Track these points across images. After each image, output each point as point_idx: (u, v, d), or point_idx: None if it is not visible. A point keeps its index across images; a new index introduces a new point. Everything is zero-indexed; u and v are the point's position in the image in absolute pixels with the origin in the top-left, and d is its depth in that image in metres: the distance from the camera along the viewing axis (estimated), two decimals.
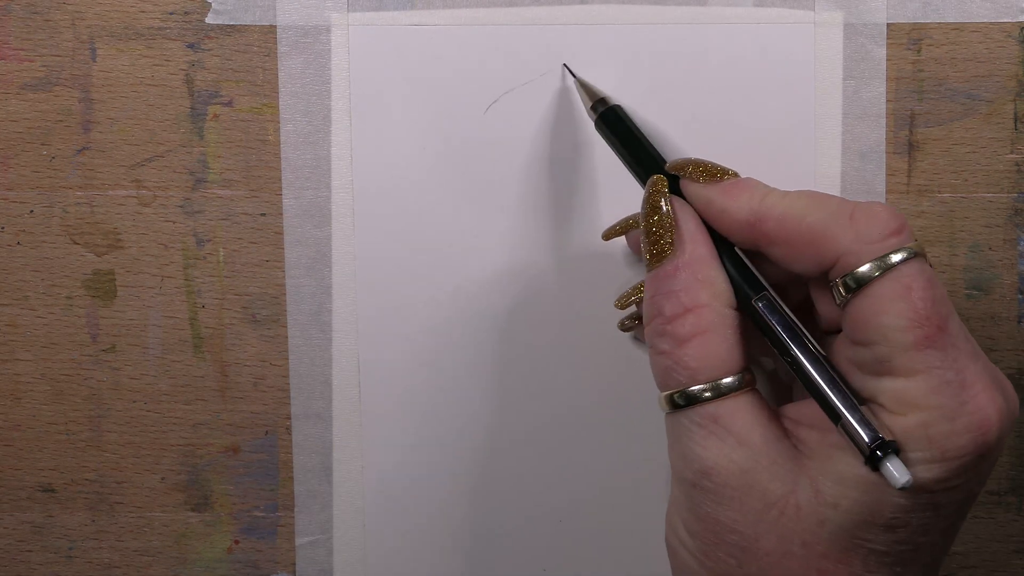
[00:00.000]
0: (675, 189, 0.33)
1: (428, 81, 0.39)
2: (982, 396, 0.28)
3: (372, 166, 0.39)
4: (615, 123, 0.36)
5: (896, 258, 0.29)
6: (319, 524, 0.41)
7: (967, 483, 0.29)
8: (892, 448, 0.28)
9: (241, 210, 0.40)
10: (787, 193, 0.31)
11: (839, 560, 0.29)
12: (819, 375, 0.30)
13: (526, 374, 0.40)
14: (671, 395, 0.31)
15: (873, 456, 0.28)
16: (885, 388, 0.29)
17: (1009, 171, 0.39)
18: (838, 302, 0.30)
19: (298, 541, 0.41)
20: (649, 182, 0.33)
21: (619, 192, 0.39)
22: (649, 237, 0.32)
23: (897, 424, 0.28)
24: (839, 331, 0.31)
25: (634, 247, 0.38)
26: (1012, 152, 0.39)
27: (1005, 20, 0.39)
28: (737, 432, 0.30)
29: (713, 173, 0.32)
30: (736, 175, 0.32)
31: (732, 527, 0.30)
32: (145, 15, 0.39)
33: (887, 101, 0.39)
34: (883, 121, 0.39)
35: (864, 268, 0.29)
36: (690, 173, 0.33)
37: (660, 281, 0.32)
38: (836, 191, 0.39)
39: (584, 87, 0.37)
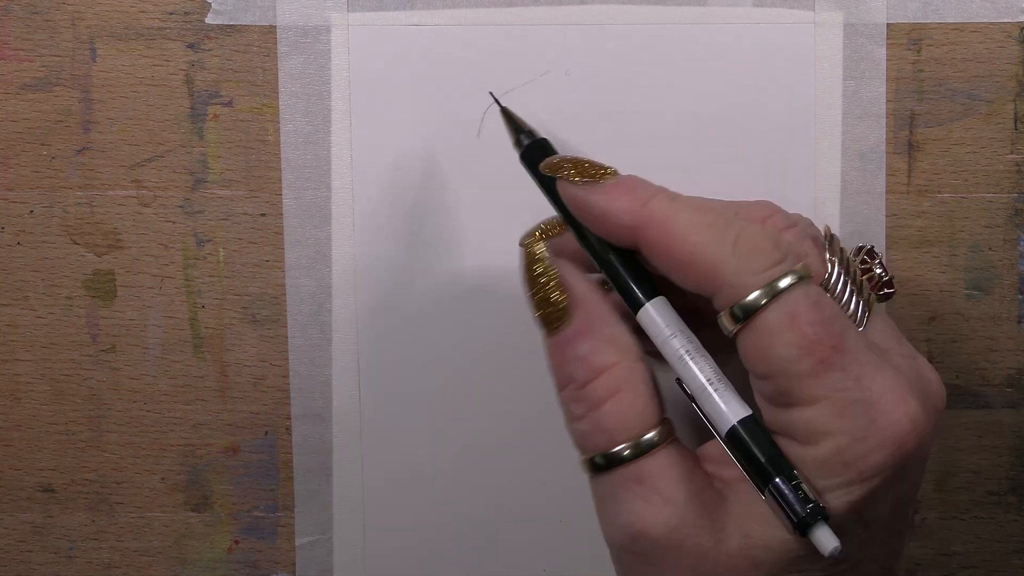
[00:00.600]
0: (552, 190, 0.31)
1: (428, 81, 0.39)
2: (892, 409, 0.28)
3: (372, 166, 0.39)
4: (538, 159, 0.33)
5: (781, 284, 0.28)
6: (319, 524, 0.41)
7: (893, 494, 0.28)
8: (820, 515, 0.27)
9: (241, 210, 0.40)
10: (673, 199, 0.30)
11: None
12: (736, 447, 0.29)
13: (526, 374, 0.40)
14: (592, 459, 0.30)
15: (801, 525, 0.27)
16: (793, 419, 0.28)
17: (1009, 171, 0.39)
18: (726, 332, 0.29)
19: (298, 541, 0.41)
20: (522, 252, 0.31)
21: None
22: (540, 307, 0.31)
23: (810, 455, 0.28)
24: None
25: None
26: (1012, 152, 0.39)
27: (1005, 20, 0.39)
28: (661, 490, 0.29)
29: (591, 173, 0.31)
30: (615, 173, 0.31)
31: None
32: (145, 15, 0.39)
33: (887, 101, 0.39)
34: (883, 121, 0.39)
35: (749, 299, 0.28)
36: (566, 174, 0.31)
37: (564, 348, 0.30)
38: (836, 191, 0.39)
39: (510, 119, 0.35)
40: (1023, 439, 0.40)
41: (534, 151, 0.33)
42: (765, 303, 0.28)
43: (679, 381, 0.30)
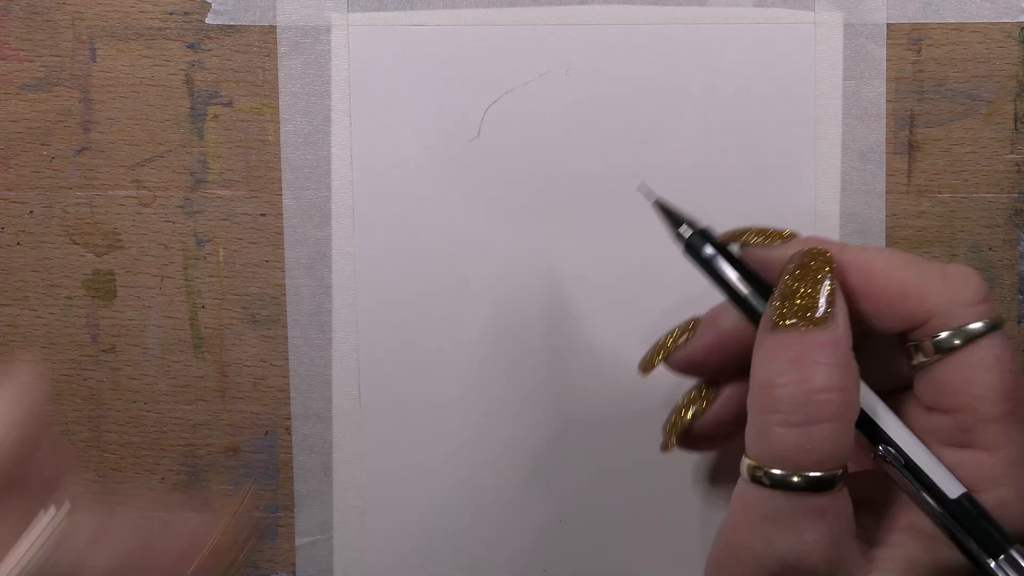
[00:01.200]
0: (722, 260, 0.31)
1: (428, 81, 0.39)
2: None
3: (372, 166, 0.39)
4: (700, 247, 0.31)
5: (984, 326, 0.28)
6: (319, 524, 0.41)
7: None
8: (1018, 553, 0.27)
9: (241, 210, 0.40)
10: (864, 248, 0.30)
11: None
12: (968, 508, 0.28)
13: (526, 374, 0.40)
14: (781, 475, 0.28)
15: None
16: (963, 460, 0.28)
17: (1009, 171, 0.39)
18: (915, 363, 0.29)
19: (298, 541, 0.41)
20: (807, 249, 0.30)
21: (619, 190, 0.39)
22: (797, 295, 0.30)
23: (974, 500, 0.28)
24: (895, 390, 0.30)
25: (678, 368, 0.34)
26: (1012, 152, 0.39)
27: (1005, 20, 0.39)
28: (835, 529, 0.28)
29: (773, 236, 0.30)
30: (794, 235, 0.30)
31: None
32: (145, 15, 0.39)
33: (887, 101, 0.39)
34: (883, 121, 0.39)
35: (954, 332, 0.28)
36: (749, 239, 0.31)
37: (810, 348, 0.29)
38: (836, 191, 0.39)
39: (668, 212, 0.33)
40: None
41: (697, 241, 0.32)
42: (970, 342, 0.28)
43: (881, 454, 0.29)
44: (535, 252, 0.39)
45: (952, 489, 0.28)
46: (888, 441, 0.29)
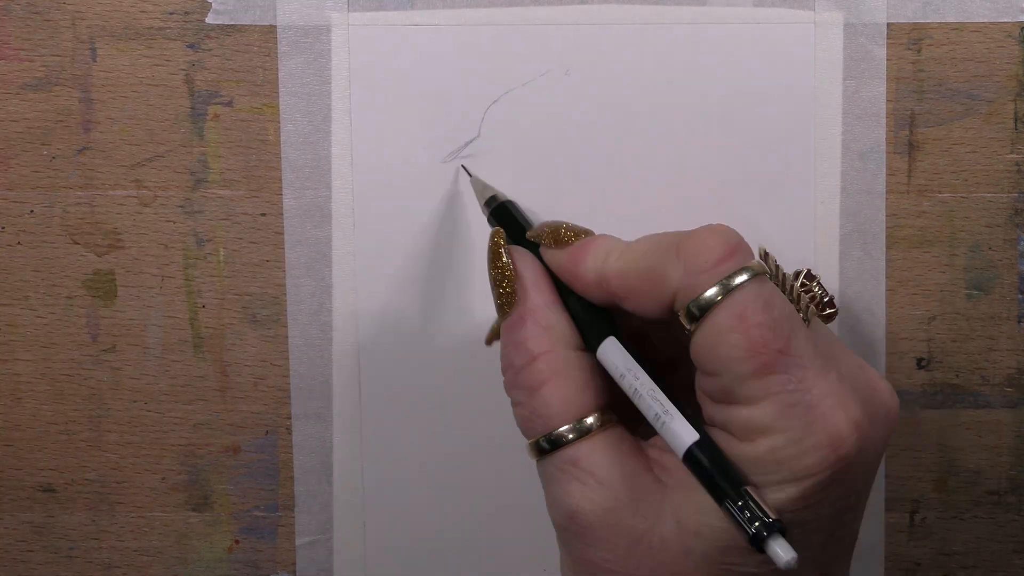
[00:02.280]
0: (509, 225, 0.34)
1: (428, 81, 0.39)
2: (831, 413, 0.28)
3: (372, 166, 0.39)
4: (506, 219, 0.36)
5: (735, 282, 0.28)
6: (319, 524, 0.41)
7: (830, 497, 0.29)
8: (776, 528, 0.27)
9: (241, 210, 0.40)
10: (629, 245, 0.31)
11: None
12: (699, 456, 0.29)
13: None
14: (535, 442, 0.31)
15: (757, 539, 0.27)
16: (733, 416, 0.29)
17: (1009, 171, 0.39)
18: (687, 333, 0.29)
19: (298, 541, 0.41)
20: (489, 236, 0.34)
21: (619, 190, 0.39)
22: (494, 290, 0.33)
23: (746, 451, 0.28)
24: None
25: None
26: (1012, 152, 0.39)
27: (1005, 20, 0.39)
28: (596, 472, 0.30)
29: (561, 238, 0.33)
30: (588, 234, 0.33)
31: (604, 567, 0.30)
32: (145, 15, 0.39)
33: (887, 101, 0.39)
34: (883, 121, 0.39)
35: (702, 296, 0.29)
36: (542, 239, 0.33)
37: (507, 332, 0.32)
38: (836, 191, 0.39)
39: (477, 185, 0.38)
40: (1023, 439, 0.40)
41: (501, 212, 0.36)
42: (716, 304, 0.28)
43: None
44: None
45: (683, 442, 0.29)
46: (643, 407, 0.30)
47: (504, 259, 0.33)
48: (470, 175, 0.38)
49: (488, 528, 0.41)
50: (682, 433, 0.29)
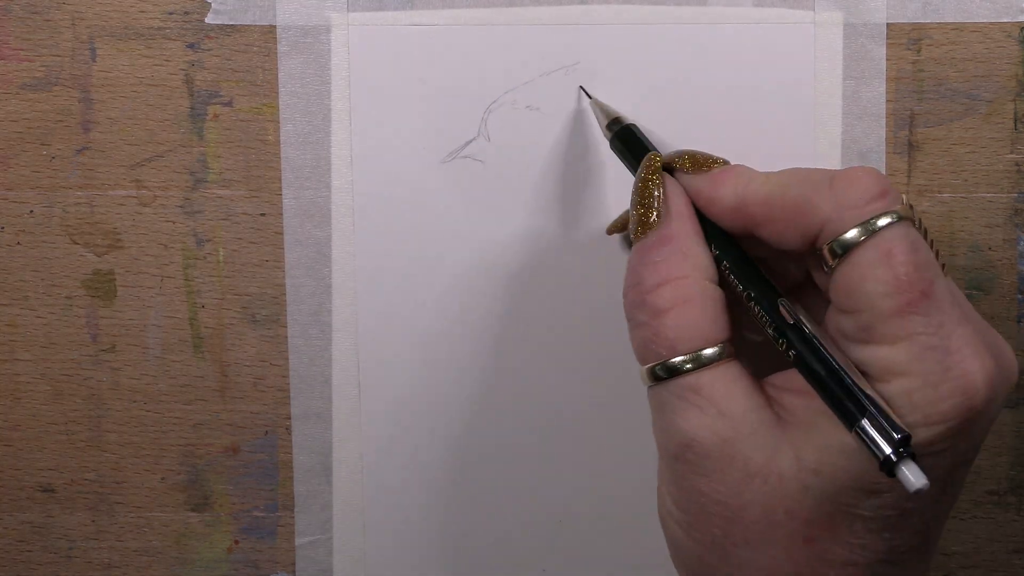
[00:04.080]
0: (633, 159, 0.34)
1: (428, 81, 0.39)
2: (968, 361, 0.28)
3: (372, 166, 0.39)
4: (630, 142, 0.36)
5: (880, 223, 0.29)
6: (319, 524, 0.41)
7: (955, 448, 0.29)
8: (908, 452, 0.27)
9: (241, 210, 0.40)
10: (771, 174, 0.31)
11: (824, 527, 0.29)
12: (829, 377, 0.29)
13: (526, 374, 0.40)
14: (652, 368, 0.31)
15: (888, 462, 0.27)
16: (869, 356, 0.29)
17: (1009, 171, 0.39)
18: (826, 271, 0.30)
19: (298, 541, 0.41)
20: (644, 159, 0.33)
21: (620, 190, 0.39)
22: (637, 210, 0.32)
23: (881, 391, 0.28)
24: None
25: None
26: (1012, 152, 0.39)
27: (1005, 20, 0.39)
28: (717, 402, 0.30)
29: (701, 163, 0.33)
30: (725, 163, 0.33)
31: (716, 498, 0.30)
32: (145, 15, 0.39)
33: (887, 101, 0.39)
34: (883, 121, 0.39)
35: (847, 235, 0.29)
36: (680, 164, 0.33)
37: (643, 253, 0.32)
38: None
39: (600, 107, 0.37)
40: (1023, 439, 0.40)
41: (625, 135, 0.36)
42: (862, 240, 0.28)
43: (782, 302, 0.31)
44: (536, 251, 0.39)
45: (823, 366, 0.29)
46: (784, 336, 0.30)
47: (655, 179, 0.32)
48: (589, 96, 0.38)
49: (488, 528, 0.41)
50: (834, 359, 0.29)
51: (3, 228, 0.40)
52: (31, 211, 0.40)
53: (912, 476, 0.27)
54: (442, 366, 0.40)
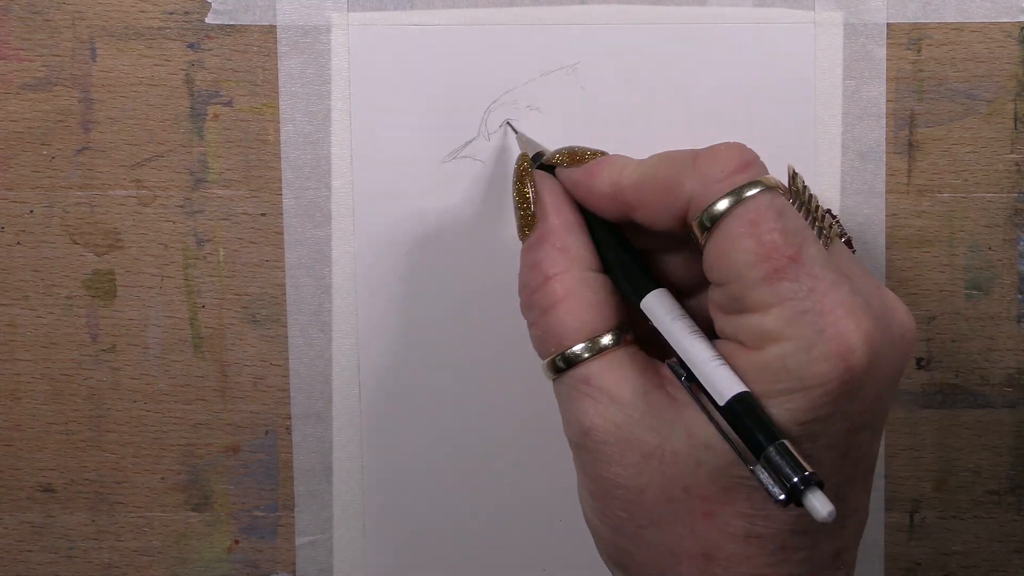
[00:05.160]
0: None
1: (428, 81, 0.39)
2: (842, 322, 0.28)
3: (372, 166, 0.39)
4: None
5: (746, 194, 0.29)
6: (319, 524, 0.41)
7: (841, 411, 0.28)
8: (814, 482, 0.27)
9: (241, 210, 0.40)
10: (644, 160, 0.32)
11: (722, 501, 0.29)
12: (724, 419, 0.29)
13: (526, 374, 0.40)
14: (551, 362, 0.32)
15: (795, 494, 0.27)
16: (742, 325, 0.29)
17: (1009, 171, 0.39)
18: (700, 246, 0.30)
19: (298, 541, 0.41)
20: (515, 163, 0.34)
21: None
22: (516, 213, 0.34)
23: (756, 359, 0.28)
24: None
25: None
26: (1012, 152, 0.39)
27: (1005, 20, 0.39)
28: (607, 390, 0.31)
29: (578, 156, 0.33)
30: (603, 154, 0.33)
31: (617, 482, 0.30)
32: (145, 15, 0.39)
33: (887, 101, 0.39)
34: (883, 121, 0.39)
35: (714, 208, 0.29)
36: (559, 160, 0.34)
37: (524, 254, 0.33)
38: (836, 191, 0.39)
39: (524, 142, 0.38)
40: (1023, 439, 0.40)
41: (547, 168, 0.36)
42: (727, 210, 0.29)
43: (671, 363, 0.31)
44: None
45: (724, 394, 0.29)
46: (672, 352, 0.31)
47: (527, 182, 0.34)
48: (516, 131, 0.39)
49: (488, 528, 0.41)
50: (730, 383, 0.29)
51: (3, 228, 0.40)
52: (31, 211, 0.40)
53: (819, 504, 0.27)
54: (442, 366, 0.40)
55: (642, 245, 0.33)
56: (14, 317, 0.40)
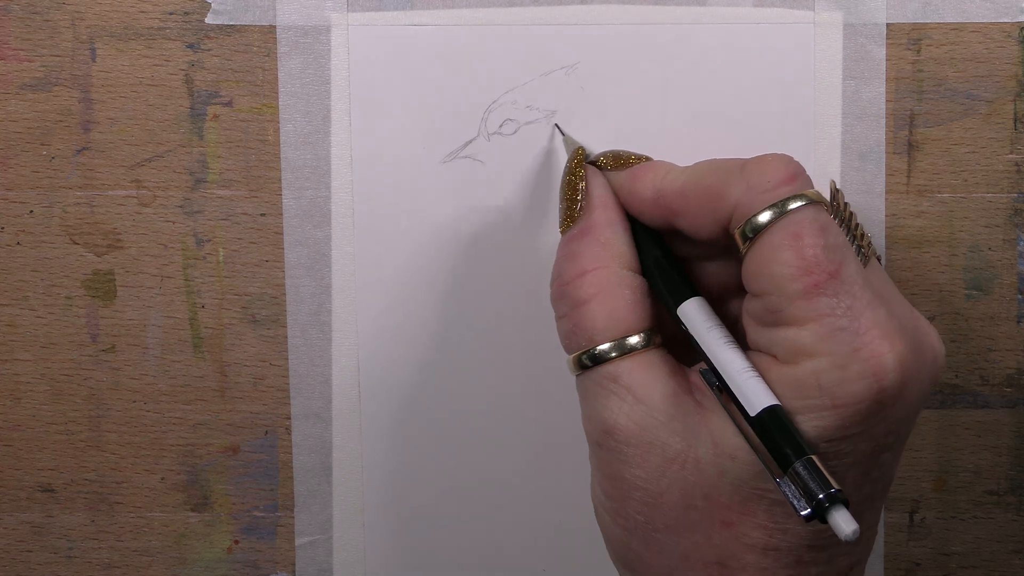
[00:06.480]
0: None
1: (428, 81, 0.39)
2: (878, 342, 0.28)
3: (372, 166, 0.39)
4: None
5: (790, 207, 0.29)
6: (319, 524, 0.41)
7: (869, 431, 0.29)
8: (840, 500, 0.27)
9: (241, 210, 0.40)
10: (690, 166, 0.32)
11: (742, 511, 0.29)
12: (756, 431, 0.29)
13: (526, 374, 0.40)
14: (578, 357, 0.31)
15: (820, 510, 0.27)
16: (778, 338, 0.29)
17: (1009, 171, 0.39)
18: (740, 255, 0.30)
19: (298, 541, 0.41)
20: (570, 154, 0.34)
21: None
22: (562, 203, 0.33)
23: (789, 373, 0.28)
24: None
25: None
26: (1012, 152, 0.39)
27: (1005, 20, 0.39)
28: (635, 390, 0.30)
29: (622, 160, 0.33)
30: (648, 159, 0.33)
31: (637, 484, 0.30)
32: (145, 15, 0.39)
33: (887, 101, 0.39)
34: (883, 121, 0.39)
35: (757, 218, 0.29)
36: (604, 163, 0.34)
37: (565, 244, 0.33)
38: None
39: (571, 144, 0.38)
40: (1023, 439, 0.40)
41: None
42: (771, 221, 0.29)
43: (703, 371, 0.31)
44: (536, 251, 0.39)
45: (755, 405, 0.29)
46: (704, 359, 0.30)
47: (579, 173, 0.33)
48: (563, 134, 0.38)
49: (488, 528, 0.41)
50: (764, 394, 0.29)
51: (3, 228, 0.40)
52: (31, 211, 0.40)
53: (843, 523, 0.27)
54: (442, 366, 0.40)
55: (680, 252, 0.33)
56: (14, 317, 0.40)
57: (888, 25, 0.39)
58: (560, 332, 0.32)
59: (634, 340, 0.31)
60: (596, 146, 0.39)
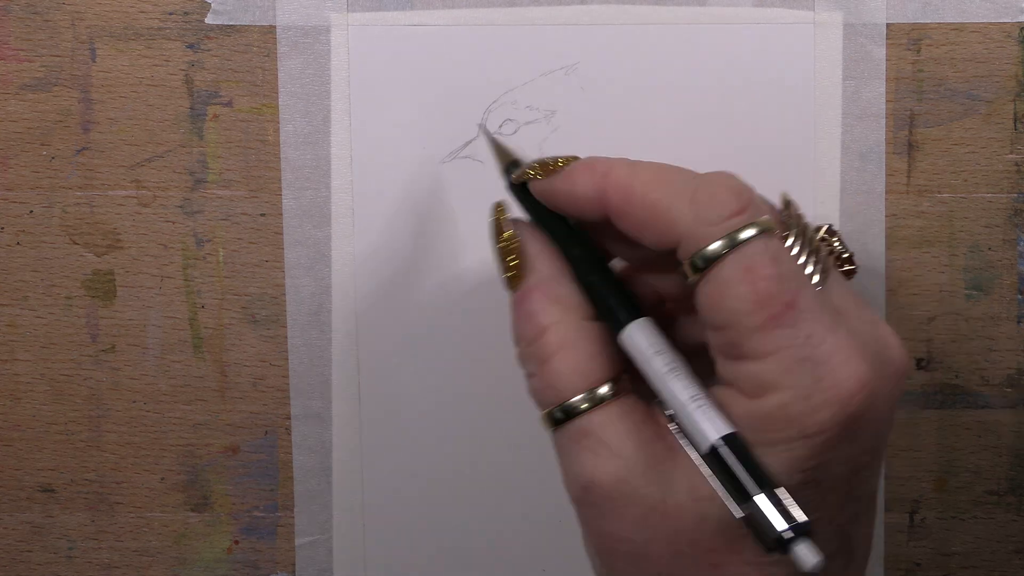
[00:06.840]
0: (529, 197, 0.33)
1: (428, 81, 0.39)
2: (840, 369, 0.27)
3: (372, 166, 0.39)
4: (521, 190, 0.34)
5: (740, 236, 0.28)
6: (319, 524, 0.41)
7: (843, 455, 0.28)
8: (803, 530, 0.27)
9: (241, 210, 0.40)
10: (633, 165, 0.31)
11: (728, 551, 0.29)
12: (713, 467, 0.28)
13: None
14: (549, 413, 0.31)
15: (782, 540, 0.27)
16: (741, 373, 0.28)
17: (1009, 171, 0.39)
18: (688, 282, 0.29)
19: (298, 541, 0.41)
20: (490, 210, 0.33)
21: None
22: (501, 264, 0.32)
23: (757, 408, 0.28)
24: None
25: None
26: (1012, 152, 0.39)
27: (1005, 20, 0.39)
28: (608, 443, 0.30)
29: (550, 166, 0.32)
30: (575, 159, 0.32)
31: (621, 536, 0.30)
32: (145, 15, 0.39)
33: (887, 101, 0.39)
34: (883, 121, 0.39)
35: (706, 250, 0.28)
36: (531, 174, 0.32)
37: (517, 305, 0.32)
38: (836, 191, 0.39)
39: (498, 149, 0.36)
40: (1023, 439, 0.40)
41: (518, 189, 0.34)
42: (722, 256, 0.28)
43: (658, 402, 0.30)
44: None
45: (706, 438, 0.28)
46: (659, 395, 0.30)
47: (508, 232, 0.32)
48: (489, 137, 0.36)
49: (488, 528, 0.41)
50: (716, 423, 0.28)
51: (3, 228, 0.40)
52: (31, 211, 0.40)
53: (804, 556, 0.26)
54: (442, 366, 0.40)
55: (625, 256, 0.33)
56: (14, 317, 0.40)
57: (888, 25, 0.39)
58: (530, 391, 0.32)
59: (603, 391, 0.30)
60: (596, 146, 0.39)
